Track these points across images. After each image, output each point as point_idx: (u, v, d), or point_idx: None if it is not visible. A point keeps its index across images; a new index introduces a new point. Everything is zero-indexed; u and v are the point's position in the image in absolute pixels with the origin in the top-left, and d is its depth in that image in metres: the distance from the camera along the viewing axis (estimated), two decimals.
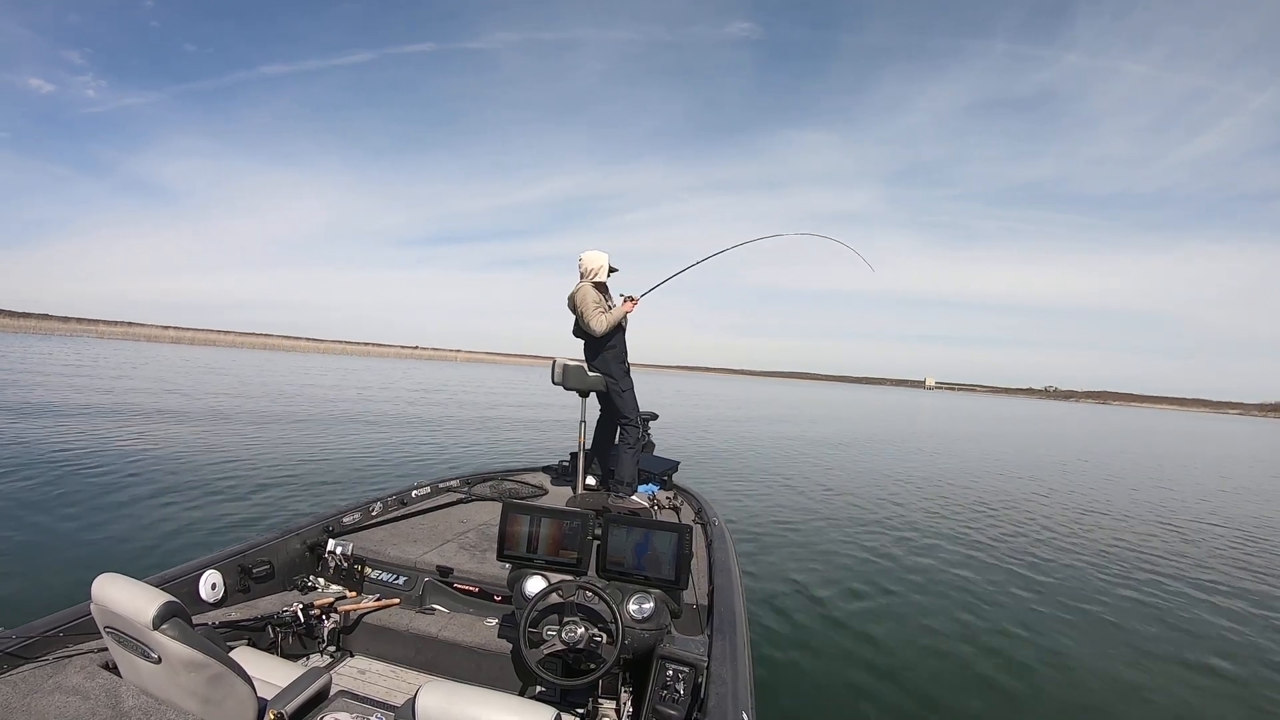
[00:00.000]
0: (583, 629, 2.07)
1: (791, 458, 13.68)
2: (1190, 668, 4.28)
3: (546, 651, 2.07)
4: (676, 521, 3.08)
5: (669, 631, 2.28)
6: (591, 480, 4.61)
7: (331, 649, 2.68)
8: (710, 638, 2.28)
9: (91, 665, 1.84)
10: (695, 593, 2.80)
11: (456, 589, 2.96)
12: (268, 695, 1.83)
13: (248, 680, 1.70)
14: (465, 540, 3.36)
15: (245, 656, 2.12)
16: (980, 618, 4.88)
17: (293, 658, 2.50)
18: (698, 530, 3.70)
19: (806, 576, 5.56)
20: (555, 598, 2.14)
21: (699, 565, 3.13)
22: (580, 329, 4.35)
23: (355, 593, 2.94)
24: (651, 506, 4.20)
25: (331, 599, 2.73)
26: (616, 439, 4.51)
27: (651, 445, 4.93)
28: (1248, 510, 11.01)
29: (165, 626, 1.57)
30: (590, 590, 2.14)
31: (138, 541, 5.18)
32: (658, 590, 2.25)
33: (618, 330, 4.31)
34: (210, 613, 2.46)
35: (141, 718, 1.63)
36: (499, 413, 18.73)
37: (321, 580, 3.02)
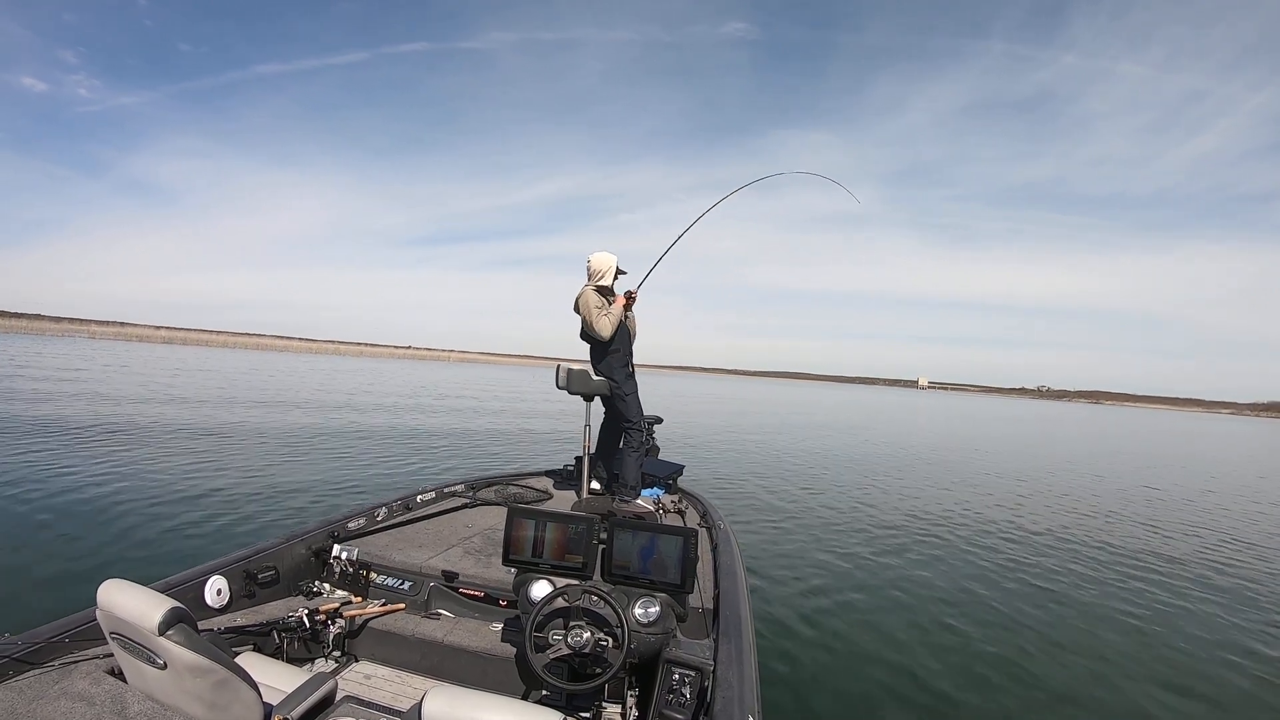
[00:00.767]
0: (588, 633, 2.05)
1: (797, 461, 13.64)
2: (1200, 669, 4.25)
3: (552, 656, 2.06)
4: (682, 525, 3.07)
5: (675, 635, 2.26)
6: (596, 484, 4.61)
7: (337, 654, 2.68)
8: (716, 641, 2.27)
9: (97, 671, 1.83)
10: (701, 596, 2.78)
11: (462, 594, 2.95)
12: (273, 701, 1.82)
13: (253, 686, 1.70)
14: (470, 545, 3.35)
15: (251, 662, 2.11)
16: (991, 621, 4.85)
17: (298, 663, 2.50)
18: (703, 534, 3.69)
19: (813, 580, 5.54)
20: (561, 602, 2.13)
21: (704, 569, 3.12)
22: (585, 333, 4.35)
23: (361, 598, 2.93)
24: (656, 510, 4.19)
25: (337, 604, 2.72)
26: (620, 443, 4.51)
27: (656, 449, 4.92)
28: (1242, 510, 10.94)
29: (171, 632, 1.57)
30: (596, 594, 2.13)
31: (143, 547, 5.20)
32: (663, 594, 2.24)
33: (625, 336, 4.32)
34: (216, 618, 2.46)
35: None
36: (474, 421, 18.69)
37: (327, 585, 3.02)
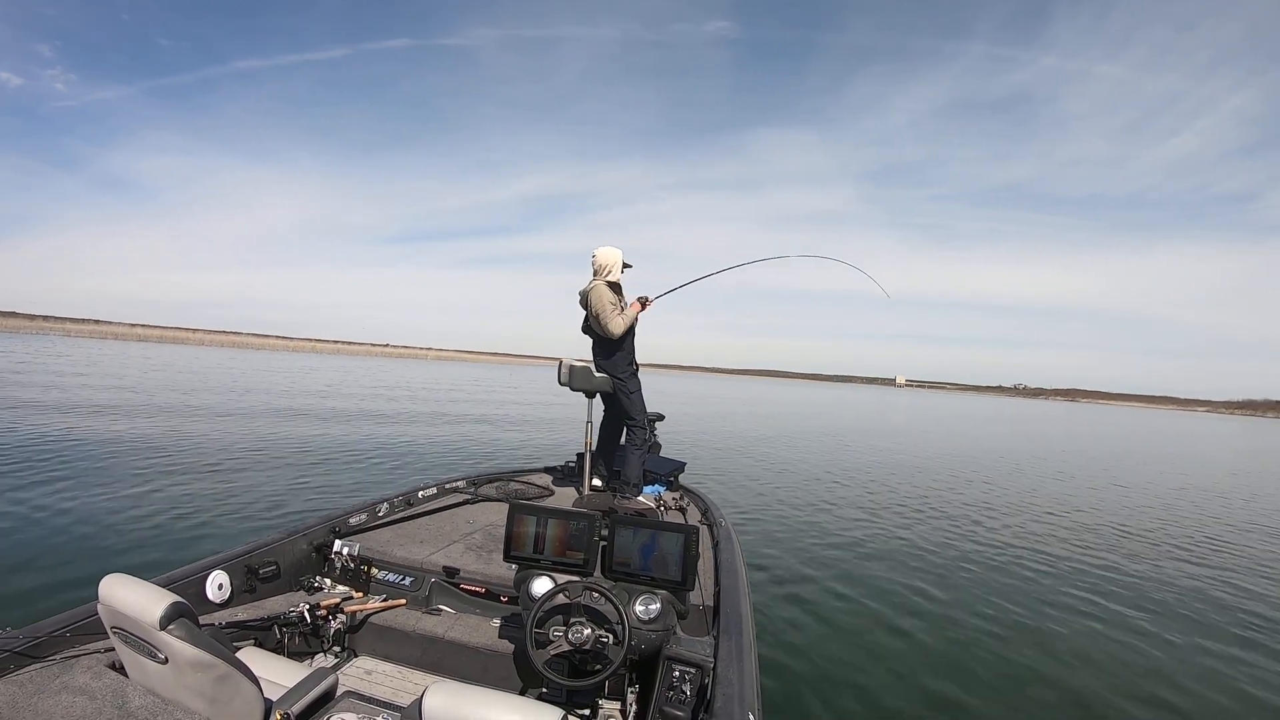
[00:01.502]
0: (589, 630, 2.06)
1: (798, 458, 13.64)
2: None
3: (553, 652, 2.07)
4: (683, 522, 3.07)
5: (675, 632, 2.26)
6: (597, 481, 4.61)
7: (338, 649, 2.68)
8: (717, 638, 2.27)
9: (98, 665, 1.84)
10: (702, 593, 2.78)
11: (463, 590, 2.95)
12: (274, 696, 1.82)
13: (254, 680, 1.70)
14: (471, 541, 3.35)
15: (252, 657, 2.12)
16: (993, 618, 4.84)
17: (299, 658, 2.50)
18: (704, 531, 3.69)
19: (814, 577, 5.54)
20: (562, 598, 2.13)
21: (705, 566, 3.12)
22: (589, 327, 4.32)
23: (362, 593, 2.94)
24: (658, 507, 4.19)
25: (338, 599, 2.72)
26: (622, 439, 4.50)
27: (658, 446, 4.92)
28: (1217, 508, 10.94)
29: (172, 627, 1.57)
30: (597, 591, 2.13)
31: (144, 542, 5.21)
32: (664, 591, 2.24)
33: (631, 332, 4.28)
34: (217, 613, 2.46)
35: (148, 718, 1.63)
36: (472, 418, 18.71)
37: (328, 581, 3.02)
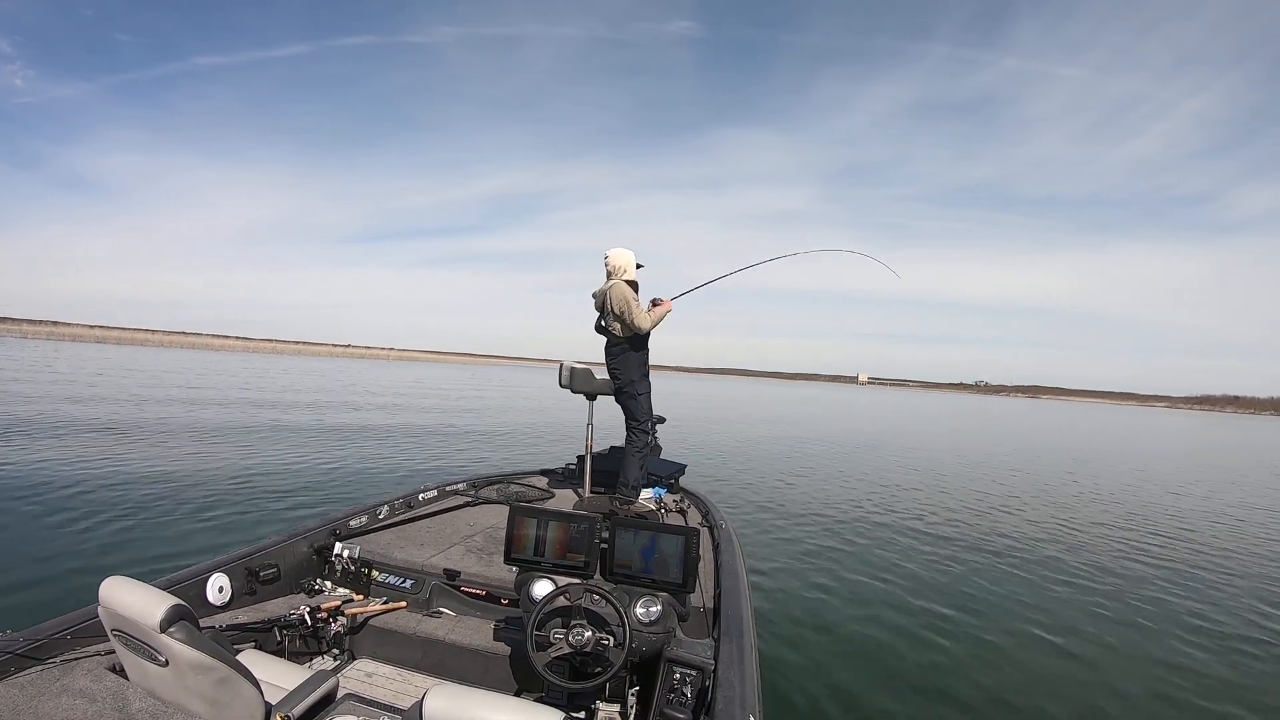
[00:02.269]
0: (590, 632, 2.05)
1: (797, 460, 13.63)
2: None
3: (554, 654, 2.06)
4: (683, 524, 3.07)
5: (676, 634, 2.26)
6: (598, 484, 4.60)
7: (338, 652, 2.68)
8: (717, 641, 2.26)
9: (99, 668, 1.84)
10: (702, 596, 2.78)
11: (464, 592, 2.95)
12: (275, 698, 1.82)
13: (255, 683, 1.70)
14: (472, 543, 3.35)
15: (252, 659, 2.11)
16: (992, 621, 4.84)
17: (300, 661, 2.50)
18: (705, 533, 3.68)
19: (814, 579, 5.53)
20: (562, 601, 2.13)
21: (706, 568, 3.11)
22: (603, 326, 4.29)
23: (362, 596, 2.93)
24: (658, 510, 4.19)
25: (338, 602, 2.72)
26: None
27: (658, 448, 4.92)
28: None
29: (172, 629, 1.57)
30: (597, 593, 2.13)
31: (145, 545, 5.21)
32: (665, 593, 2.24)
33: (646, 335, 4.27)
34: (217, 616, 2.46)
35: None
36: (470, 419, 18.71)
37: (328, 583, 3.02)
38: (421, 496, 4.10)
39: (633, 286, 4.25)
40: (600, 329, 4.35)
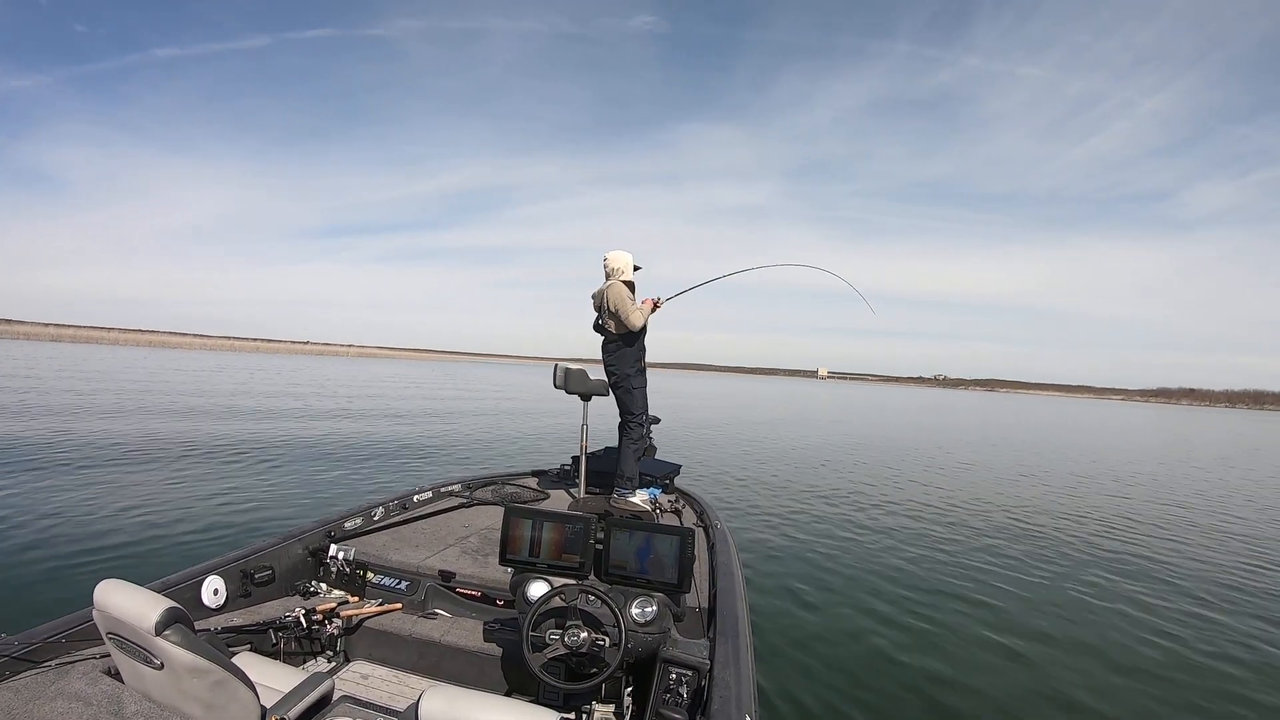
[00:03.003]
0: (585, 633, 2.06)
1: (792, 460, 13.66)
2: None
3: (549, 655, 2.07)
4: (678, 525, 3.08)
5: (671, 635, 2.27)
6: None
7: (334, 654, 2.68)
8: (713, 641, 2.27)
9: (94, 671, 1.83)
10: (698, 596, 2.79)
11: (459, 593, 2.95)
12: (270, 701, 1.82)
13: (250, 686, 1.70)
14: (467, 545, 3.35)
15: (248, 662, 2.11)
16: (991, 619, 4.87)
17: (295, 663, 2.50)
18: (700, 533, 3.69)
19: (809, 579, 5.55)
20: (558, 601, 2.14)
21: (701, 568, 3.13)
22: (600, 325, 4.40)
23: (357, 597, 2.93)
24: (653, 510, 4.20)
25: (334, 604, 2.72)
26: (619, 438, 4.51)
27: (653, 448, 4.93)
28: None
29: (168, 632, 1.57)
30: (593, 594, 2.13)
31: (140, 547, 5.19)
32: (660, 594, 2.25)
33: (642, 332, 4.36)
34: (213, 618, 2.46)
35: None
36: (466, 420, 18.68)
37: (324, 585, 3.02)
38: (416, 498, 4.10)
39: (631, 286, 4.36)
40: (598, 328, 4.44)
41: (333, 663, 2.66)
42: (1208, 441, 29.56)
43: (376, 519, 3.60)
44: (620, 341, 4.31)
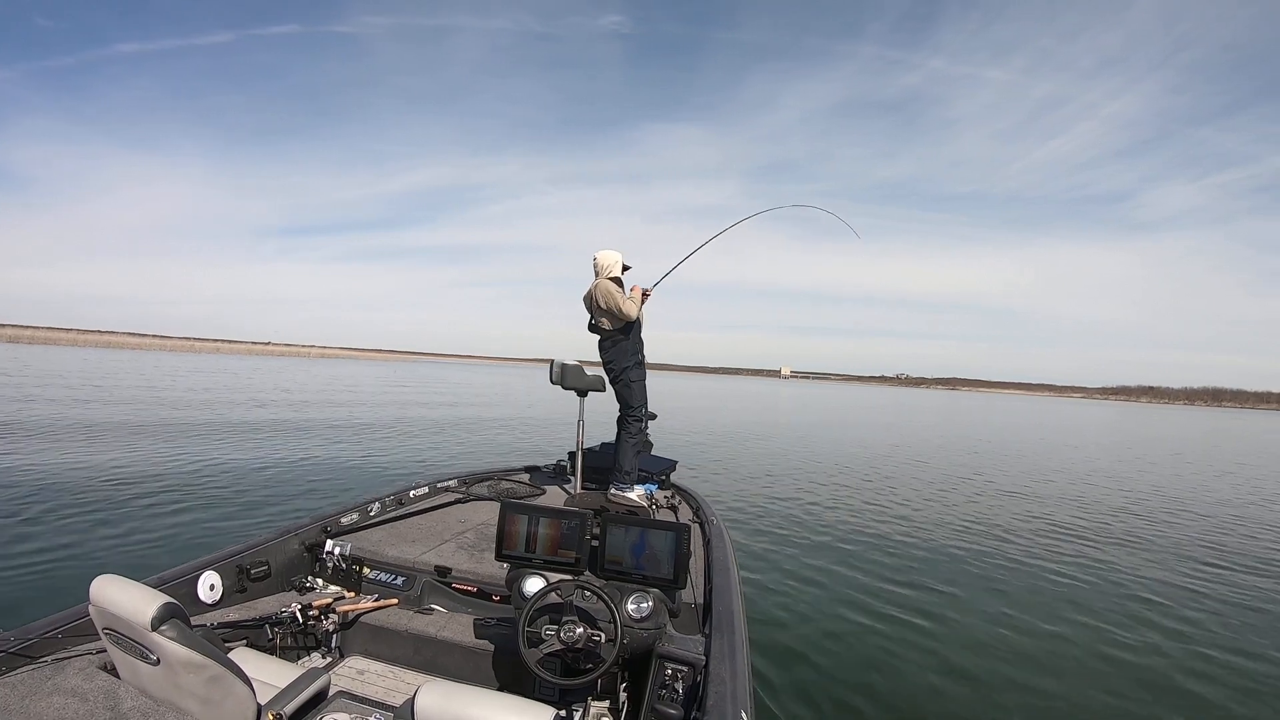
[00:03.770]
0: (581, 628, 2.07)
1: (788, 456, 13.70)
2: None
3: (545, 651, 2.08)
4: (674, 521, 3.08)
5: (667, 630, 2.28)
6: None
7: (330, 649, 2.68)
8: (709, 636, 2.28)
9: (90, 667, 1.83)
10: (694, 592, 2.80)
11: (455, 589, 2.96)
12: (267, 696, 1.83)
13: (246, 681, 1.71)
14: (464, 540, 3.36)
15: (244, 657, 2.12)
16: (983, 615, 4.90)
17: (291, 658, 2.50)
18: (696, 529, 3.70)
19: (805, 575, 5.58)
20: (554, 597, 2.14)
21: (697, 564, 3.13)
22: (595, 325, 4.37)
23: (354, 593, 2.93)
24: (650, 506, 4.20)
25: (330, 599, 2.72)
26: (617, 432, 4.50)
27: (650, 445, 4.94)
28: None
29: (164, 627, 1.57)
30: (589, 590, 2.14)
31: (136, 543, 5.18)
32: (656, 589, 2.25)
33: (638, 325, 4.36)
34: (209, 614, 2.46)
35: (140, 719, 1.63)
36: (463, 416, 18.67)
37: (320, 581, 3.02)
38: (412, 493, 4.10)
39: (619, 283, 4.32)
40: (592, 328, 4.41)
41: (329, 658, 2.66)
42: (1171, 438, 30.13)
43: (373, 514, 3.60)
44: (617, 335, 4.30)
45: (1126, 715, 3.61)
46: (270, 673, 2.03)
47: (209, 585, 2.53)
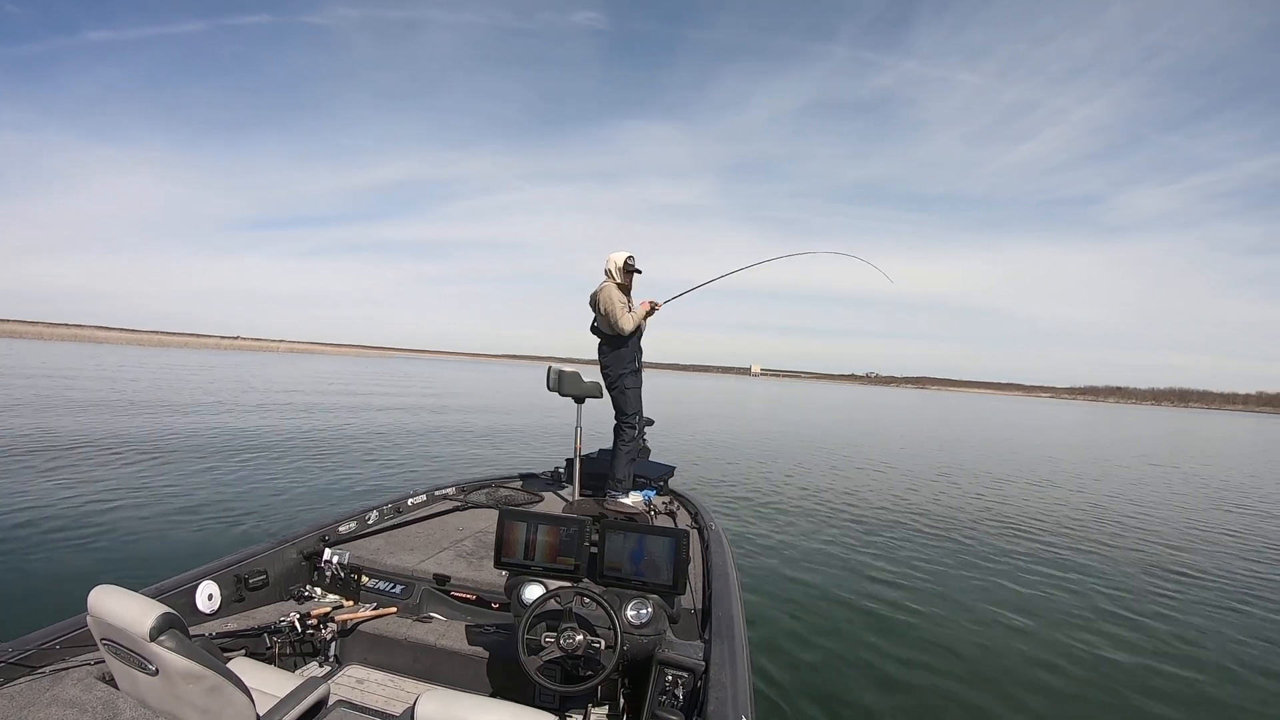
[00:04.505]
0: (581, 635, 2.07)
1: (786, 460, 13.69)
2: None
3: (545, 658, 2.08)
4: (673, 526, 3.09)
5: (666, 636, 2.28)
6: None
7: (329, 658, 2.67)
8: (708, 642, 2.28)
9: (88, 678, 1.83)
10: (693, 597, 2.80)
11: (454, 597, 2.95)
12: (265, 706, 1.82)
13: (245, 691, 1.70)
14: (462, 548, 3.35)
15: (243, 667, 2.11)
16: (982, 618, 4.90)
17: (290, 668, 2.49)
18: (694, 535, 3.70)
19: (804, 579, 5.57)
20: (553, 604, 2.14)
21: (696, 570, 3.14)
22: (596, 327, 4.39)
23: (352, 602, 2.93)
24: (648, 512, 4.20)
25: (329, 608, 2.72)
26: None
27: (647, 450, 4.94)
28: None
29: (162, 638, 1.57)
30: (588, 596, 2.14)
31: (134, 553, 5.15)
32: (655, 595, 2.25)
33: (638, 332, 4.36)
34: (207, 623, 2.45)
35: None
36: (461, 422, 18.63)
37: (318, 590, 3.01)
38: (410, 501, 4.10)
39: (625, 289, 4.32)
40: (594, 329, 4.43)
41: (327, 667, 2.65)
42: (1138, 438, 30.82)
43: (370, 523, 3.60)
44: (614, 342, 4.31)
45: (1126, 713, 3.62)
46: (269, 682, 2.03)
47: (207, 595, 2.52)
